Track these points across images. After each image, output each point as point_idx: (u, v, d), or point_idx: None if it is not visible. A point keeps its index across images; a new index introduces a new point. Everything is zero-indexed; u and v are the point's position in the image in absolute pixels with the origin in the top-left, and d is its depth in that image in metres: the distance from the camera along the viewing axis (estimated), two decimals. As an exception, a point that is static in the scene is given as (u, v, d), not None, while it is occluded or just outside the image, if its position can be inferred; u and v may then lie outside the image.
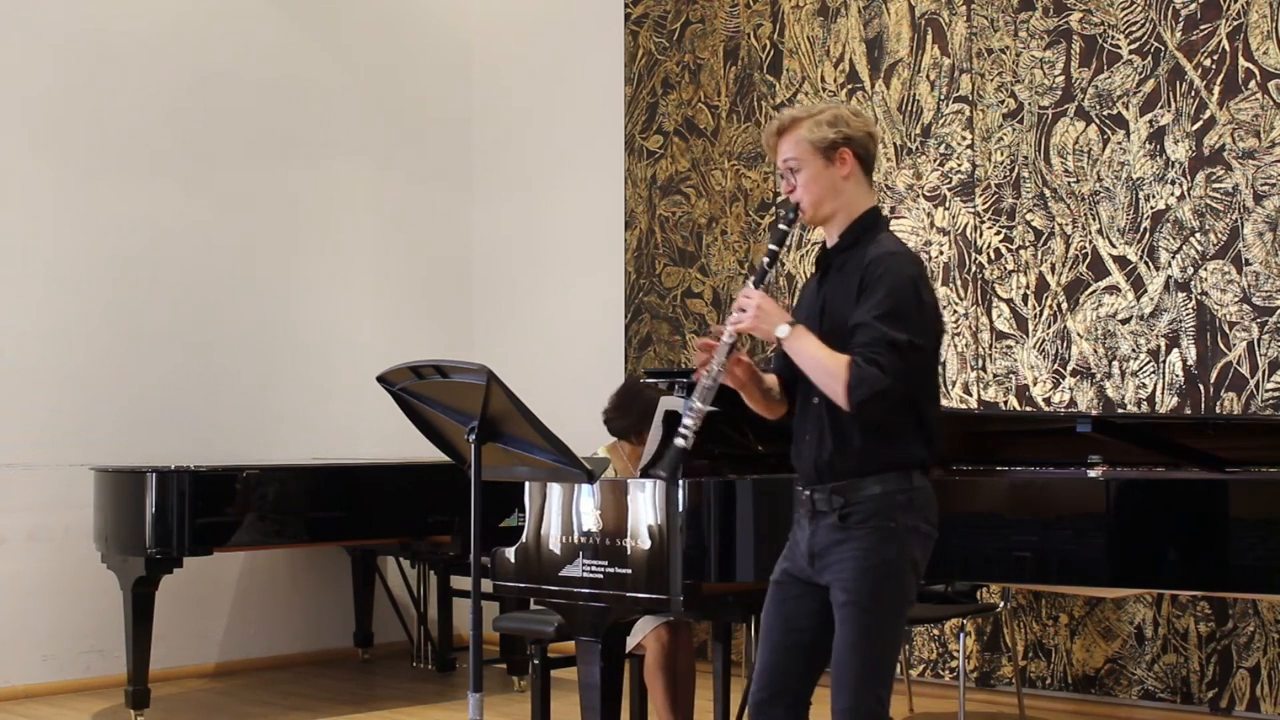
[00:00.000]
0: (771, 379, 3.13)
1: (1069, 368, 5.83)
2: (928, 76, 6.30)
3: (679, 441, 2.93)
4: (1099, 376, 5.74)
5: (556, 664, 4.66)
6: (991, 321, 6.05)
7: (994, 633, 5.99)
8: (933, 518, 2.98)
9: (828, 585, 2.94)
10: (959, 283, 6.15)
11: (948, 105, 6.23)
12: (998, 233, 6.05)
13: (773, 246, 3.03)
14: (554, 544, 4.04)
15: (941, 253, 6.21)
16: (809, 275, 3.17)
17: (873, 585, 2.89)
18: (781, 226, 3.04)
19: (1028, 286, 5.95)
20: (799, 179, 3.02)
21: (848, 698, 2.88)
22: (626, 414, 4.74)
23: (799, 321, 2.96)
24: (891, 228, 3.13)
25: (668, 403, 4.22)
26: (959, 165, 6.18)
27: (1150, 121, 5.65)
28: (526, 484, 4.14)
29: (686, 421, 2.93)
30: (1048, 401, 5.87)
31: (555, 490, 4.07)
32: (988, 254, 6.08)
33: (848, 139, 3.01)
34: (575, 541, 3.98)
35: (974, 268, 6.11)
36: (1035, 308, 5.93)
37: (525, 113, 8.00)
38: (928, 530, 2.97)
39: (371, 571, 7.18)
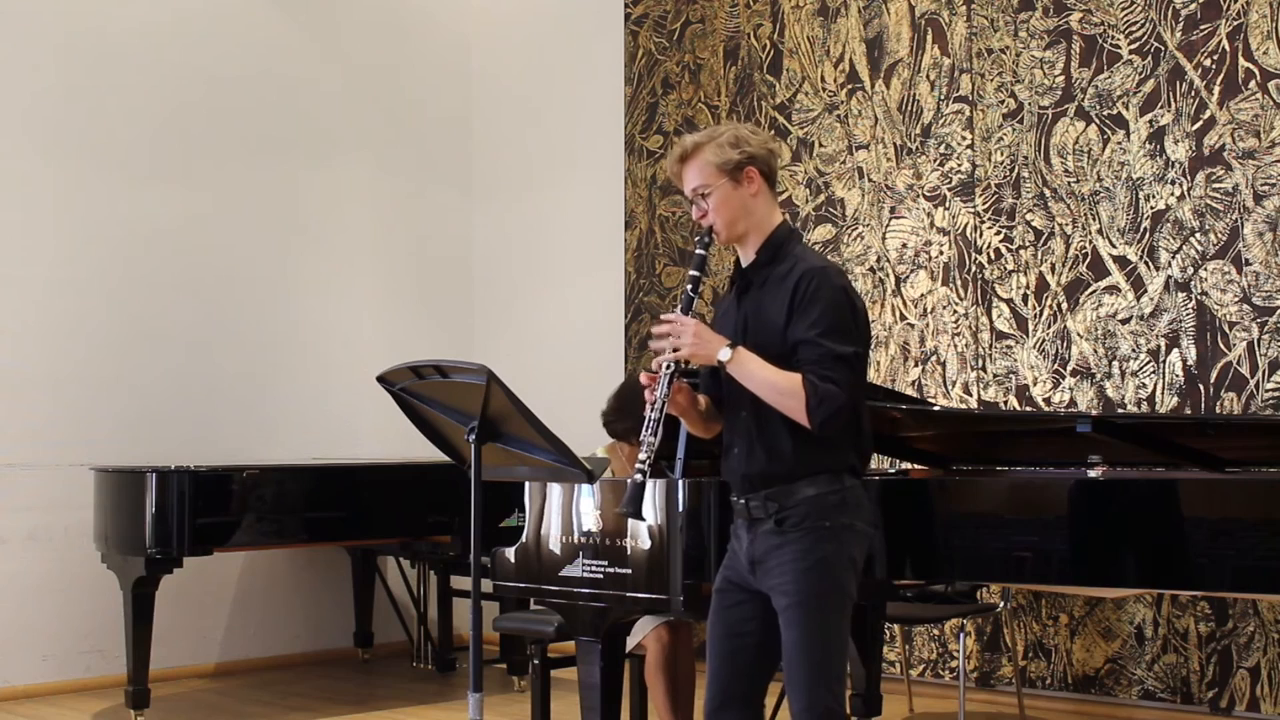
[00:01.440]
0: (703, 399, 3.20)
1: (1069, 368, 5.83)
2: (928, 76, 6.30)
3: (636, 477, 2.97)
4: (1099, 376, 5.74)
5: (556, 664, 4.66)
6: (991, 321, 6.05)
7: (994, 633, 5.99)
8: (866, 516, 3.05)
9: (768, 591, 3.00)
10: (959, 283, 6.15)
11: (948, 105, 6.23)
12: (998, 233, 6.05)
13: (694, 272, 3.08)
14: (554, 544, 4.04)
15: (941, 253, 6.21)
16: (724, 293, 3.21)
17: (813, 585, 2.94)
18: (700, 252, 3.10)
19: (1028, 286, 5.95)
20: (710, 203, 3.07)
21: (802, 698, 2.94)
22: (627, 416, 4.72)
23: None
24: (805, 239, 3.20)
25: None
26: (959, 165, 6.17)
27: (1150, 121, 5.65)
28: (526, 484, 4.14)
29: (641, 456, 2.98)
30: (1048, 401, 5.87)
31: (555, 490, 4.07)
32: (988, 254, 6.08)
33: (751, 158, 3.07)
34: (575, 541, 3.98)
35: (974, 268, 6.11)
36: (1035, 308, 5.93)
37: (525, 113, 8.00)
38: (863, 529, 3.03)
39: (371, 571, 7.18)
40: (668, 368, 3.01)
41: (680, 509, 3.78)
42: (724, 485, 3.87)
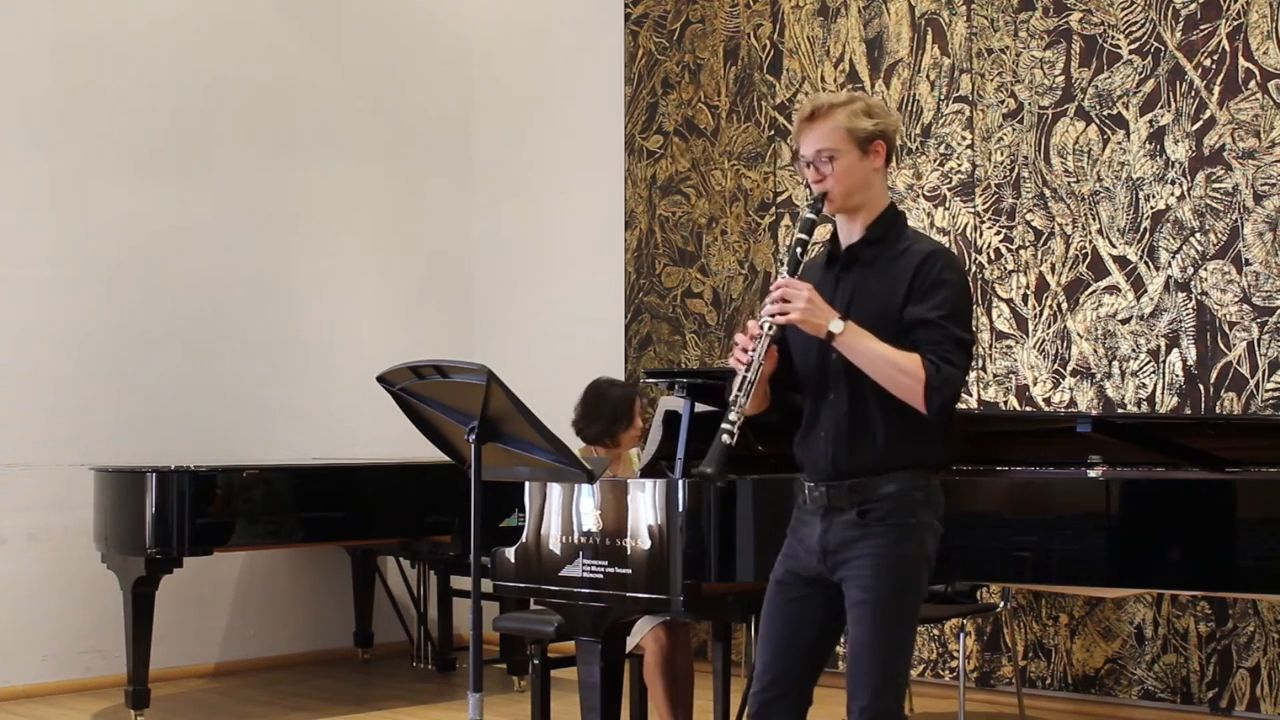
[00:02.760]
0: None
1: (1069, 368, 5.83)
2: (928, 76, 6.31)
3: (724, 439, 2.84)
4: (1099, 376, 5.74)
5: (556, 664, 4.66)
6: (991, 321, 6.05)
7: (994, 633, 5.99)
8: (942, 514, 2.99)
9: (839, 582, 2.91)
10: (959, 283, 6.14)
11: (948, 105, 6.23)
12: (998, 233, 6.05)
13: (802, 235, 2.96)
14: (554, 544, 4.04)
15: (941, 253, 6.20)
16: (808, 264, 3.10)
17: (892, 584, 2.86)
18: (809, 215, 2.97)
19: (1028, 286, 5.95)
20: (833, 168, 2.95)
21: (866, 697, 2.86)
22: (596, 419, 4.75)
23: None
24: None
25: (667, 403, 4.22)
26: (959, 165, 6.18)
27: (1150, 121, 5.65)
28: (526, 484, 4.15)
29: (731, 417, 2.86)
30: (1048, 401, 5.87)
31: (555, 490, 4.07)
32: (988, 254, 6.08)
33: (883, 131, 2.98)
34: (575, 541, 3.98)
35: (974, 268, 6.11)
36: (1035, 308, 5.93)
37: (525, 113, 8.00)
38: (939, 527, 2.97)
39: (371, 571, 7.18)
40: (769, 330, 2.88)
41: (680, 509, 3.78)
42: (726, 485, 3.88)
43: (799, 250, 2.96)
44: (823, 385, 2.96)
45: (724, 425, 2.86)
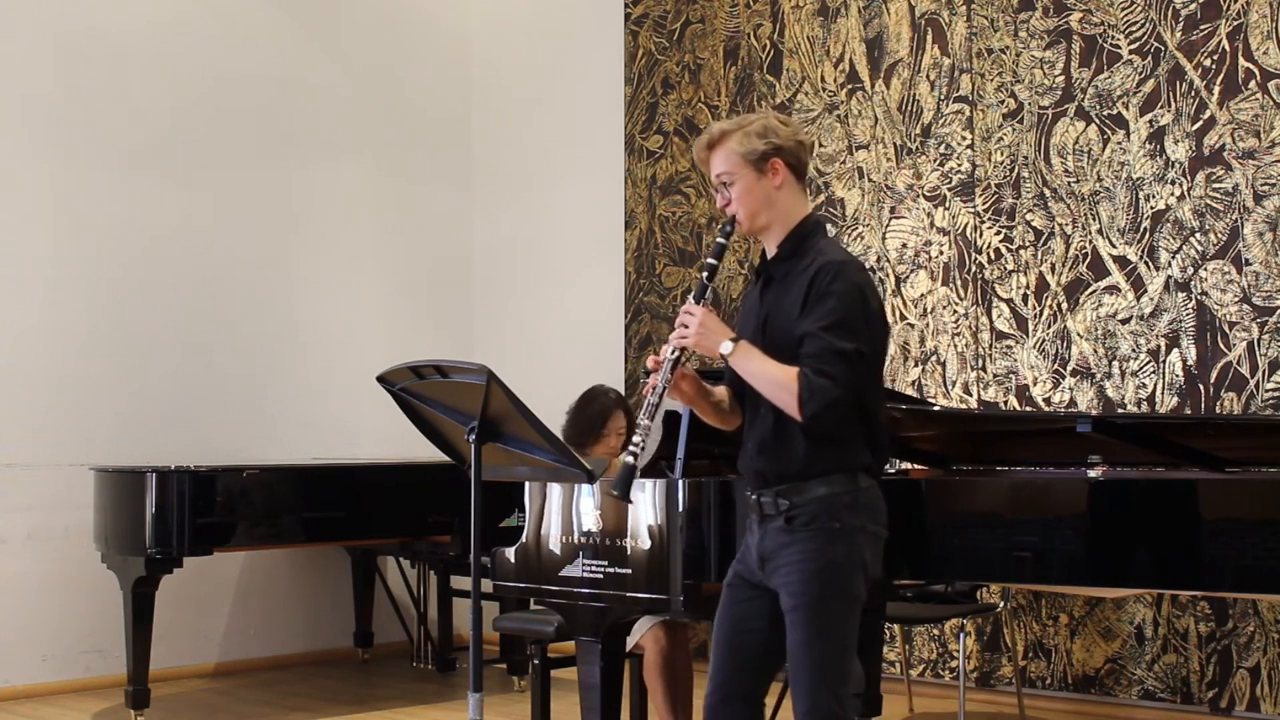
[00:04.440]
0: (721, 391, 3.16)
1: (1069, 368, 5.83)
2: (928, 76, 6.31)
3: (628, 459, 2.94)
4: (1099, 376, 5.74)
5: (556, 664, 4.66)
6: (991, 321, 6.05)
7: (994, 633, 5.99)
8: (880, 518, 3.01)
9: (777, 589, 2.97)
10: (959, 283, 6.15)
11: (948, 105, 6.23)
12: (998, 233, 6.05)
13: (710, 260, 3.06)
14: (554, 544, 4.04)
15: (941, 253, 6.21)
16: (747, 284, 3.17)
17: (820, 587, 2.90)
18: (719, 240, 3.08)
19: (1028, 286, 5.95)
20: (733, 192, 3.04)
21: (806, 701, 2.91)
22: (574, 424, 4.80)
23: (742, 333, 3.00)
24: (829, 234, 3.18)
25: (666, 403, 4.22)
26: (959, 165, 6.18)
27: (1150, 121, 5.65)
28: (526, 484, 4.15)
29: (635, 439, 2.95)
30: (1048, 401, 5.87)
31: (555, 490, 4.07)
32: (988, 254, 6.08)
33: (778, 149, 3.03)
34: (575, 541, 3.98)
35: (974, 268, 6.11)
36: (1035, 308, 5.93)
37: (525, 113, 8.00)
38: (875, 530, 3.00)
39: (371, 571, 7.18)
40: (672, 354, 2.99)
41: (680, 509, 3.78)
42: (725, 485, 3.89)
43: (704, 275, 3.05)
44: (753, 398, 3.03)
45: (630, 448, 2.95)
